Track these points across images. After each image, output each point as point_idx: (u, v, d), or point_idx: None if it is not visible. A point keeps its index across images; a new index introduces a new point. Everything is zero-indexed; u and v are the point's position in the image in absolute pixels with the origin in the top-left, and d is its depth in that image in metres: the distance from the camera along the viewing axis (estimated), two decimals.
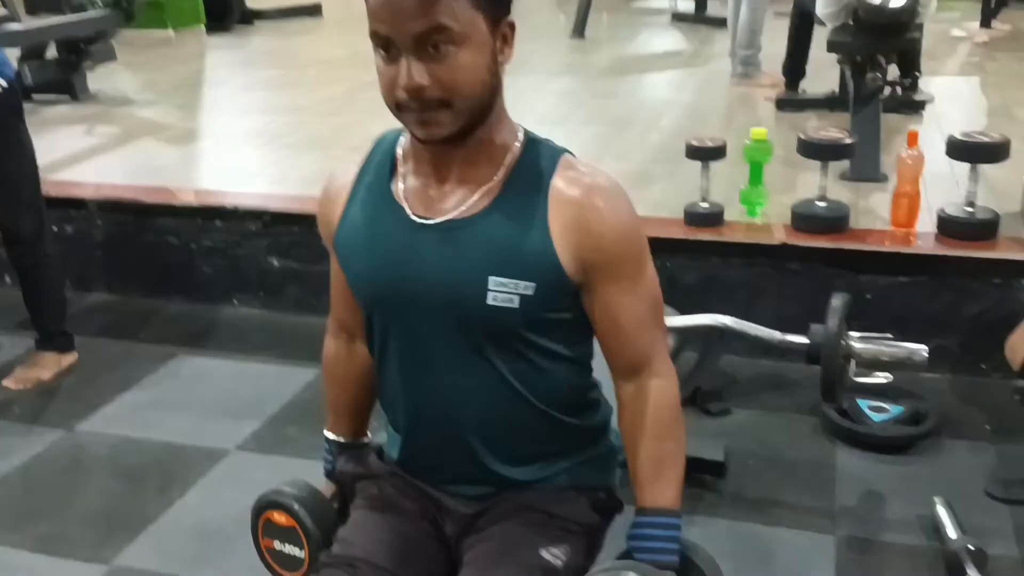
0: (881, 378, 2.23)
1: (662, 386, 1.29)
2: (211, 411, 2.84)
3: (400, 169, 1.29)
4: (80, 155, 4.17)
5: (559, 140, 1.31)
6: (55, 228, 3.55)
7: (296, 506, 1.38)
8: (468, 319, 1.24)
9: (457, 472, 1.36)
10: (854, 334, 1.96)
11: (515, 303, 1.21)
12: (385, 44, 1.14)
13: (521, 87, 1.26)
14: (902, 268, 2.85)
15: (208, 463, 2.57)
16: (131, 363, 3.12)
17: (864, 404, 2.61)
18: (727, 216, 3.07)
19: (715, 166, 3.08)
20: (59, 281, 3.10)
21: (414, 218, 1.25)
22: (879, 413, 2.60)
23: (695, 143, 3.03)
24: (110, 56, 5.27)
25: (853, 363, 2.01)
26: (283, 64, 6.37)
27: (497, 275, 1.21)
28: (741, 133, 4.08)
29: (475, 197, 1.24)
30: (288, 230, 3.36)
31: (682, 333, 2.41)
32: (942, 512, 2.19)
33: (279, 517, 1.39)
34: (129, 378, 3.02)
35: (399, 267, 1.26)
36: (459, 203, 1.24)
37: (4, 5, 4.69)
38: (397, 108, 1.17)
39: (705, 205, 3.06)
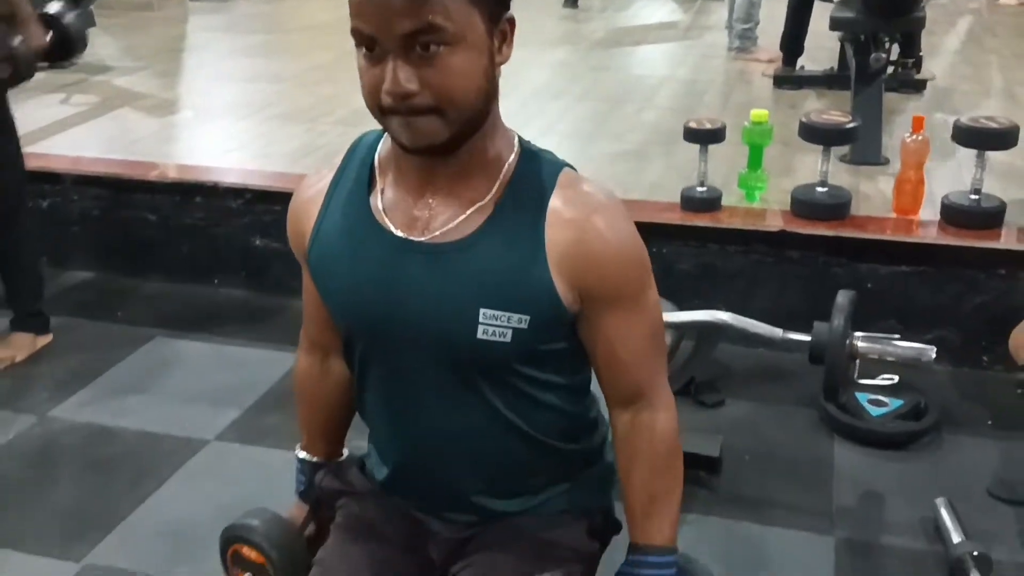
0: (886, 380, 2.15)
1: (660, 419, 1.21)
2: (189, 398, 2.73)
3: (379, 181, 1.17)
4: (55, 126, 4.01)
5: (556, 115, 1.22)
6: (29, 203, 3.46)
7: (266, 545, 1.30)
8: (456, 353, 1.14)
9: (447, 501, 1.28)
10: (859, 333, 1.88)
11: (507, 337, 1.11)
12: (369, 43, 1.02)
13: (515, 58, 1.19)
14: (904, 257, 2.76)
15: (185, 454, 2.48)
16: (107, 345, 3.01)
17: (863, 398, 2.53)
18: (725, 200, 2.97)
19: (713, 148, 2.98)
20: (36, 260, 3.00)
21: (398, 234, 1.14)
22: (878, 407, 2.53)
23: (693, 125, 2.92)
24: (89, 21, 5.11)
25: (857, 362, 1.93)
26: (268, 29, 6.20)
27: (489, 307, 1.11)
28: (738, 111, 3.98)
29: (465, 215, 1.12)
30: (270, 208, 3.23)
31: (679, 328, 2.33)
32: (944, 514, 2.13)
33: (248, 552, 1.31)
34: (105, 361, 2.92)
35: (381, 292, 1.14)
36: (447, 222, 1.12)
37: None
38: (381, 112, 1.05)
39: (702, 189, 2.96)
